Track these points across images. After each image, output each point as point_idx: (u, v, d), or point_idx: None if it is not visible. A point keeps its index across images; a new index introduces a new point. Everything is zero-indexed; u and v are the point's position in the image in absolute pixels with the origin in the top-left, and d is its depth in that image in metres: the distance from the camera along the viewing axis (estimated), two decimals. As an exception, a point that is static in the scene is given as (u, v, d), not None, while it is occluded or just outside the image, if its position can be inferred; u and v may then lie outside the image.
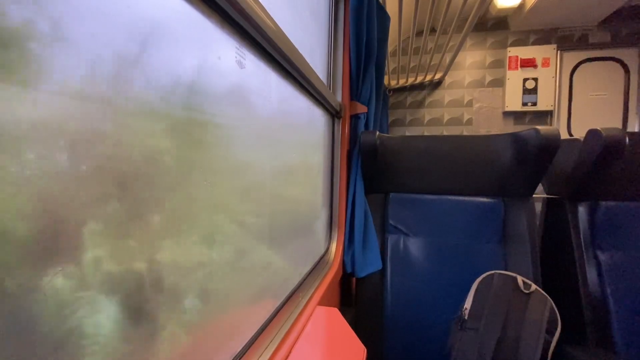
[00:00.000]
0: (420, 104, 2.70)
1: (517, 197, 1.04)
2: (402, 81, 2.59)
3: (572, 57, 2.37)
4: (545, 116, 2.46)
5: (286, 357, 0.53)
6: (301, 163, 0.79)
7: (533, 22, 2.34)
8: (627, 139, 0.88)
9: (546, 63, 2.39)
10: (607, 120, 2.31)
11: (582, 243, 1.01)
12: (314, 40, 0.91)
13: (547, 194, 1.17)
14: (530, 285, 0.89)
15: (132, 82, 0.29)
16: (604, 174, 0.99)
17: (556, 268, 1.08)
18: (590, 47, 2.33)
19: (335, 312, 0.73)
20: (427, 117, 2.69)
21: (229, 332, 0.46)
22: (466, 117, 2.62)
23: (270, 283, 0.60)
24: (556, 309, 0.85)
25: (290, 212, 0.72)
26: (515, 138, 1.00)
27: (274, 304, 0.61)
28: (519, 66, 2.42)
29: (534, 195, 1.04)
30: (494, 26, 2.52)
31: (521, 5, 2.22)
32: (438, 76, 2.58)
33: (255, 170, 0.53)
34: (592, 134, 0.94)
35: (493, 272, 0.92)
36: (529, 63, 2.40)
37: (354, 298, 1.12)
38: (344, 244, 1.07)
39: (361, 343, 0.67)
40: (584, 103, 2.35)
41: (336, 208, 1.09)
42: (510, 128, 2.51)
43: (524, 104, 2.42)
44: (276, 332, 0.56)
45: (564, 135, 2.34)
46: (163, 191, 0.33)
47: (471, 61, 2.58)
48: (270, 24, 0.48)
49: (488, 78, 2.56)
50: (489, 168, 1.05)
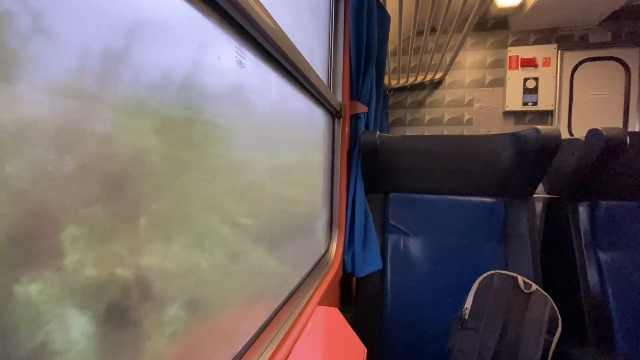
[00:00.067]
0: (420, 104, 2.70)
1: (518, 197, 1.04)
2: (403, 81, 2.58)
3: (573, 57, 2.36)
4: (545, 116, 2.46)
5: (286, 357, 0.53)
6: (301, 163, 0.79)
7: (533, 22, 2.34)
8: (628, 139, 0.88)
9: (547, 63, 2.39)
10: (608, 120, 2.30)
11: (583, 243, 1.01)
12: (314, 39, 0.91)
13: (548, 194, 1.17)
14: (530, 285, 0.89)
15: (127, 80, 0.29)
16: (605, 174, 0.99)
17: (557, 268, 1.08)
18: (590, 47, 2.33)
19: (335, 312, 0.73)
20: (428, 117, 2.69)
21: (229, 333, 0.46)
22: (466, 117, 2.61)
23: (269, 284, 0.60)
24: (557, 309, 0.85)
25: (290, 212, 0.72)
26: (515, 138, 1.00)
27: (274, 304, 0.61)
28: (520, 66, 2.42)
29: (535, 195, 1.04)
30: (495, 26, 2.51)
31: (521, 4, 2.22)
32: (438, 76, 2.58)
33: (254, 170, 0.53)
34: (593, 134, 0.94)
35: (493, 272, 0.92)
36: (530, 63, 2.40)
37: (354, 298, 1.12)
38: (344, 244, 1.07)
39: (361, 343, 0.67)
40: (585, 103, 2.35)
41: (336, 208, 1.09)
42: (510, 128, 2.51)
43: (525, 104, 2.42)
44: (276, 332, 0.56)
45: (565, 135, 2.33)
46: (163, 191, 0.33)
47: (471, 61, 2.58)
48: (270, 24, 0.48)
49: (488, 78, 2.56)
50: (490, 168, 1.05)
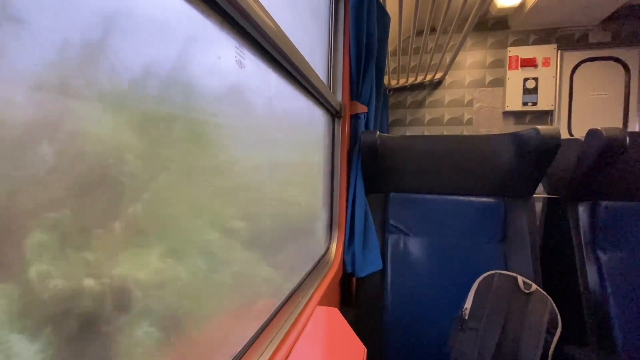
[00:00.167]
0: (420, 104, 2.70)
1: (518, 197, 1.04)
2: (403, 81, 2.58)
3: (573, 57, 2.36)
4: (545, 116, 2.46)
5: (286, 357, 0.53)
6: (301, 163, 0.79)
7: (533, 22, 2.34)
8: (628, 139, 0.88)
9: (546, 63, 2.39)
10: (608, 120, 2.30)
11: (583, 243, 1.01)
12: (314, 39, 0.91)
13: (548, 194, 1.17)
14: (530, 285, 0.89)
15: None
16: (605, 174, 0.99)
17: (556, 268, 1.08)
18: (590, 47, 2.33)
19: (335, 312, 0.73)
20: (428, 117, 2.69)
21: (229, 333, 0.46)
22: (466, 117, 2.61)
23: (269, 284, 0.60)
24: (556, 309, 0.85)
25: (290, 212, 0.72)
26: (515, 138, 1.00)
27: (274, 304, 0.61)
28: (519, 66, 2.42)
29: (535, 195, 1.04)
30: (494, 26, 2.51)
31: (521, 5, 2.22)
32: (438, 76, 2.58)
33: (254, 170, 0.53)
34: (593, 134, 0.94)
35: (493, 272, 0.92)
36: (529, 63, 2.40)
37: (354, 298, 1.12)
38: (344, 244, 1.07)
39: (361, 343, 0.67)
40: (585, 103, 2.35)
41: (336, 208, 1.09)
42: (510, 128, 2.51)
43: (524, 104, 2.42)
44: (276, 332, 0.56)
45: (565, 135, 2.32)
46: (163, 192, 0.33)
47: (471, 61, 2.58)
48: (270, 24, 0.48)
49: (488, 78, 2.56)
50: (489, 168, 1.05)
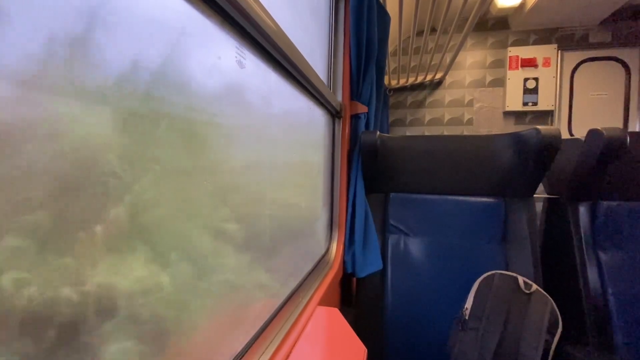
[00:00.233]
0: (420, 104, 2.70)
1: (518, 197, 1.04)
2: (403, 81, 2.58)
3: (573, 57, 2.36)
4: (546, 116, 2.46)
5: (286, 358, 0.53)
6: (301, 163, 0.79)
7: (533, 22, 2.34)
8: (628, 139, 0.88)
9: (547, 63, 2.38)
10: (608, 120, 2.30)
11: (583, 243, 1.01)
12: (314, 39, 0.90)
13: (548, 194, 1.17)
14: (531, 285, 0.89)
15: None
16: (605, 174, 0.99)
17: (557, 268, 1.08)
18: (591, 47, 2.33)
19: (335, 313, 0.73)
20: (428, 117, 2.69)
21: (229, 333, 0.46)
22: (467, 117, 2.61)
23: (269, 286, 0.60)
24: (557, 309, 0.85)
25: (290, 213, 0.72)
26: (516, 138, 1.00)
27: (275, 305, 0.61)
28: (520, 66, 2.42)
29: (535, 195, 1.04)
30: (495, 26, 2.51)
31: (522, 4, 2.22)
32: (438, 76, 2.58)
33: (254, 170, 0.53)
34: (593, 134, 0.93)
35: (494, 272, 0.92)
36: (530, 63, 2.40)
37: (355, 298, 1.12)
38: (345, 244, 1.07)
39: (362, 343, 0.67)
40: (585, 103, 2.35)
41: (337, 208, 1.09)
42: (510, 128, 2.51)
43: (525, 104, 2.42)
44: (276, 333, 0.56)
45: (565, 135, 2.32)
46: (163, 192, 0.33)
47: (472, 61, 2.58)
48: (270, 24, 0.48)
49: (488, 78, 2.56)
50: (490, 168, 1.05)
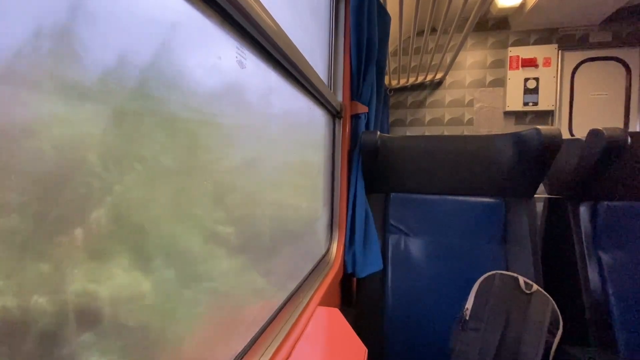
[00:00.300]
0: (421, 104, 2.69)
1: (519, 198, 1.04)
2: (403, 81, 2.58)
3: (574, 57, 2.36)
4: (546, 116, 2.46)
5: (287, 358, 0.53)
6: (301, 163, 0.79)
7: (534, 22, 2.34)
8: (629, 139, 0.88)
9: (547, 63, 2.38)
10: (609, 120, 2.30)
11: (584, 243, 1.01)
12: (315, 39, 0.91)
13: (549, 194, 1.17)
14: (531, 285, 0.89)
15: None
16: (606, 174, 0.99)
17: (558, 268, 1.08)
18: (591, 47, 2.33)
19: (336, 313, 0.73)
20: (428, 117, 2.69)
21: (228, 333, 0.46)
22: (467, 117, 2.61)
23: (269, 286, 0.60)
24: (558, 310, 0.85)
25: (290, 213, 0.72)
26: (516, 138, 1.00)
27: (275, 305, 0.61)
28: (520, 66, 2.42)
29: (536, 195, 1.04)
30: (495, 26, 2.51)
31: (522, 4, 2.22)
32: (439, 76, 2.58)
33: (253, 170, 0.53)
34: (594, 134, 0.93)
35: (494, 273, 0.92)
36: (530, 63, 2.39)
37: (355, 298, 1.11)
38: (345, 244, 1.07)
39: (362, 343, 0.67)
40: (586, 103, 2.35)
41: (337, 208, 1.09)
42: (511, 128, 2.51)
43: (525, 104, 2.42)
44: (277, 333, 0.56)
45: (566, 135, 2.32)
46: (164, 193, 0.33)
47: (472, 61, 2.57)
48: (270, 24, 0.48)
49: (489, 78, 2.55)
50: (490, 168, 1.05)
